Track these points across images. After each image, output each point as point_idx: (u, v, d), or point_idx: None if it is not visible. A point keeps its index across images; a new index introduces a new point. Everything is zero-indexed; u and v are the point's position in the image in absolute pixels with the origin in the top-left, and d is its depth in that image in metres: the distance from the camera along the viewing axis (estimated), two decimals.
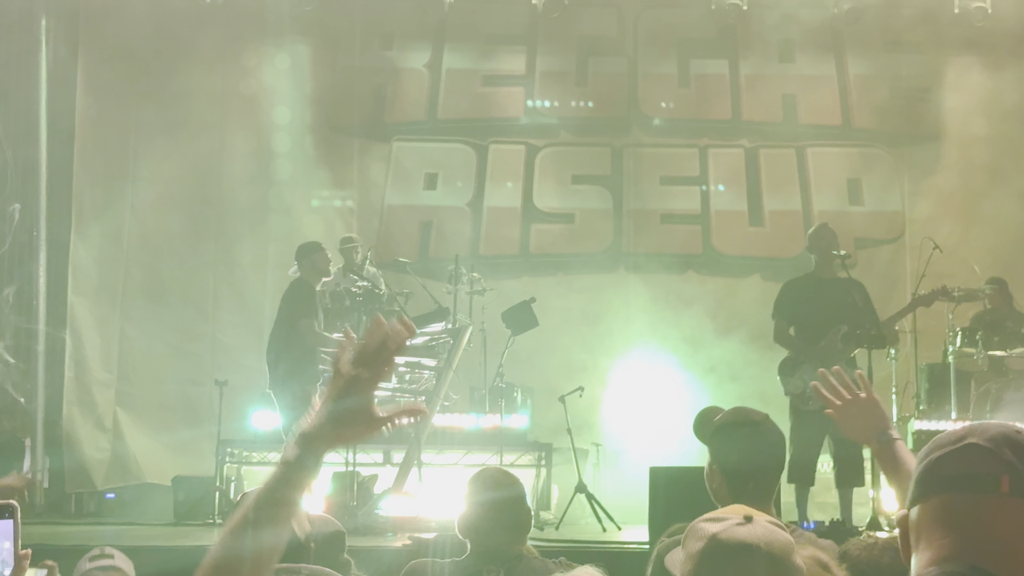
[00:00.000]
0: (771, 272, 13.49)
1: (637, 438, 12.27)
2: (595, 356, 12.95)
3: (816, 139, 14.31)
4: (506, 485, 4.55)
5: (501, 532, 4.42)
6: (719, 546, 2.58)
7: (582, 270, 14.06)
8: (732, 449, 4.11)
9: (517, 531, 4.52)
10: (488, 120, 14.34)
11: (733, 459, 4.09)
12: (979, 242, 13.21)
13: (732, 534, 2.60)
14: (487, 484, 4.56)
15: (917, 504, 1.85)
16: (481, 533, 4.43)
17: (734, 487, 4.06)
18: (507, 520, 4.46)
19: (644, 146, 14.36)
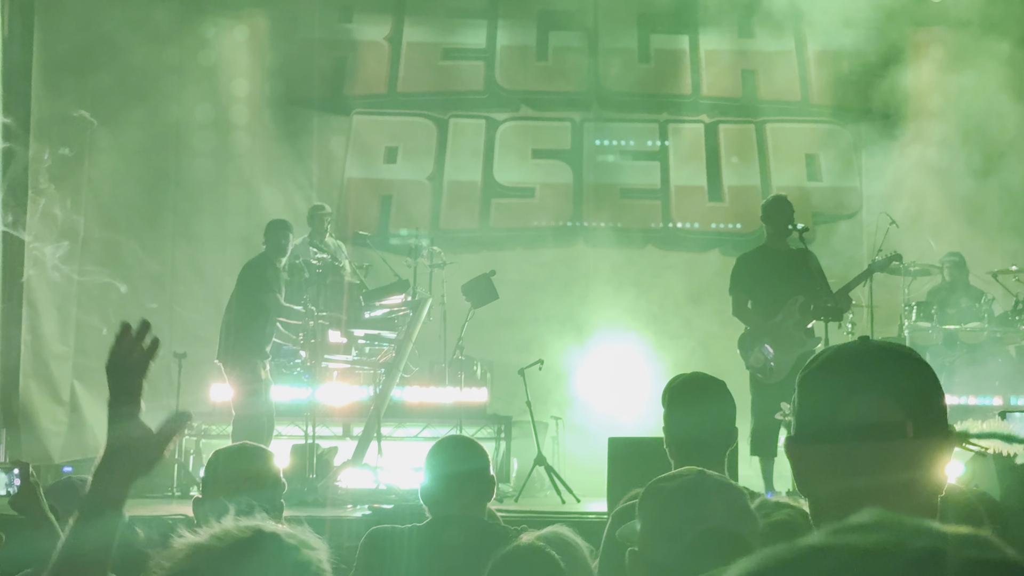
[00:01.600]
0: (730, 246, 13.53)
1: (597, 411, 12.29)
2: (555, 330, 12.93)
3: (775, 115, 14.36)
4: (469, 453, 4.54)
5: (462, 500, 4.40)
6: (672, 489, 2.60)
7: (542, 244, 14.07)
8: (679, 413, 4.17)
9: (478, 499, 4.50)
10: (448, 94, 14.28)
11: (679, 422, 4.15)
12: (935, 217, 13.30)
13: (682, 478, 2.64)
14: (449, 451, 4.54)
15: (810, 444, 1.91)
16: (442, 501, 4.41)
17: (680, 451, 4.11)
18: (469, 488, 4.44)
19: (604, 120, 14.35)
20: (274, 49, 13.83)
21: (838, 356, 1.93)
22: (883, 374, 1.86)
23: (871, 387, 1.84)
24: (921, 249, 12.62)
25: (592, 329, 13.10)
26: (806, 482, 1.93)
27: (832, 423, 1.84)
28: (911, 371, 1.88)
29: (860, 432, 1.82)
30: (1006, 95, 13.87)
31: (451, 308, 11.60)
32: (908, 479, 1.83)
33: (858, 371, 1.86)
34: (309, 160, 13.97)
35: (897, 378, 1.86)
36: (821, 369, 1.92)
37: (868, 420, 1.82)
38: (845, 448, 1.83)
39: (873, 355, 1.89)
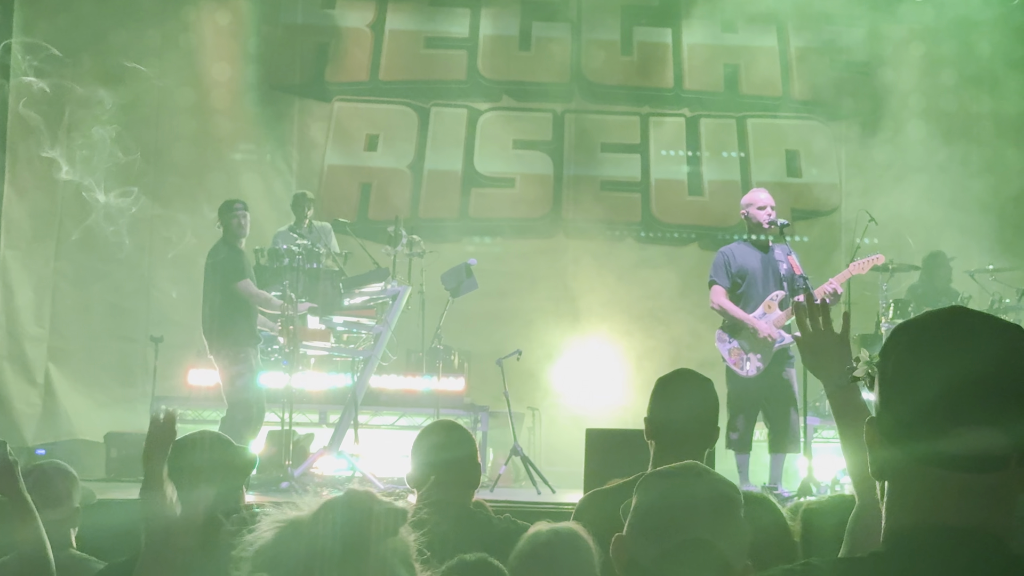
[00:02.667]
0: (710, 241, 13.55)
1: (574, 402, 12.30)
2: (533, 320, 12.93)
3: (756, 110, 14.37)
4: (457, 439, 4.53)
5: (450, 486, 4.40)
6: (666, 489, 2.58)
7: (521, 235, 14.06)
8: (666, 405, 4.18)
9: (465, 486, 4.50)
10: (430, 82, 14.24)
11: (664, 415, 4.16)
12: (914, 216, 13.33)
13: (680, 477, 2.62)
14: (437, 437, 4.53)
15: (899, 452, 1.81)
16: (431, 486, 4.40)
17: (666, 442, 4.12)
18: (457, 474, 4.44)
19: (585, 112, 14.34)
20: (256, 34, 13.76)
21: (942, 354, 1.78)
22: (994, 400, 1.73)
23: (981, 419, 1.73)
24: (900, 247, 12.66)
25: (571, 321, 13.11)
26: (884, 472, 1.84)
27: (929, 447, 1.76)
28: (1021, 386, 1.76)
29: (959, 463, 1.74)
30: (986, 95, 13.95)
31: (430, 297, 11.54)
32: (1001, 500, 1.77)
33: (970, 394, 1.74)
34: (290, 146, 13.92)
35: (1008, 404, 1.74)
36: (921, 365, 1.80)
37: (971, 451, 1.73)
38: (938, 471, 1.76)
39: (981, 363, 1.76)
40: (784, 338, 9.19)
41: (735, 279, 9.39)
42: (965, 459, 1.74)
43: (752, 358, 9.22)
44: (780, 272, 9.32)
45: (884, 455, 1.84)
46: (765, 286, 9.37)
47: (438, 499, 4.31)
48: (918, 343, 1.83)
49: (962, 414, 1.74)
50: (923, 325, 1.86)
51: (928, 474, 1.77)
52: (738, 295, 9.40)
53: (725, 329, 9.43)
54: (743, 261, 9.40)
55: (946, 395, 1.75)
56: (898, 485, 1.83)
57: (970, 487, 1.75)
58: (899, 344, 1.85)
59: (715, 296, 9.43)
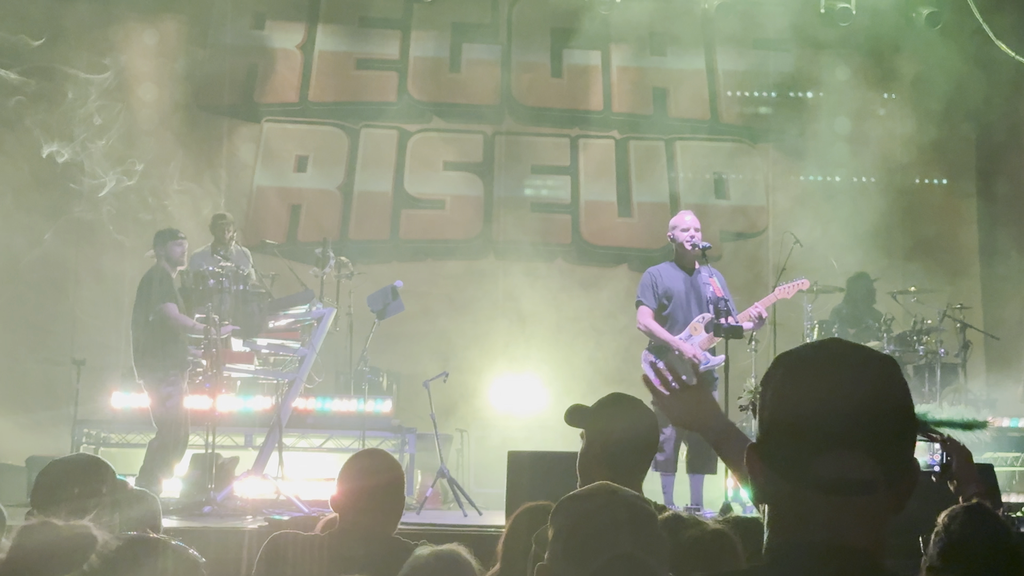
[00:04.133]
0: (639, 262, 13.61)
1: (503, 423, 12.28)
2: (462, 342, 12.94)
3: (685, 133, 14.49)
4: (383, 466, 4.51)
5: (372, 513, 4.38)
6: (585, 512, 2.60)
7: (452, 256, 14.07)
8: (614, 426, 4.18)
9: (388, 514, 4.48)
10: (360, 104, 14.22)
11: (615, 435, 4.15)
12: (839, 238, 13.49)
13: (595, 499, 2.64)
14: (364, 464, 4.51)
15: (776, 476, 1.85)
16: (352, 511, 4.38)
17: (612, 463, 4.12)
18: (379, 502, 4.42)
19: (516, 134, 14.40)
20: (185, 54, 13.67)
21: (816, 383, 1.84)
22: (861, 424, 1.80)
23: (851, 445, 1.80)
24: (824, 269, 12.80)
25: (500, 342, 13.11)
26: (764, 495, 1.90)
27: (804, 472, 1.82)
28: (890, 414, 1.84)
29: (833, 487, 1.80)
30: (910, 119, 14.15)
31: (358, 319, 11.51)
32: (871, 520, 1.83)
33: (841, 422, 1.80)
34: (218, 167, 13.82)
35: (875, 429, 1.81)
36: (796, 393, 1.85)
37: (842, 476, 1.80)
38: (812, 494, 1.82)
39: (852, 392, 1.82)
40: (709, 360, 9.25)
41: (661, 300, 9.45)
42: (837, 483, 1.80)
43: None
44: (705, 294, 9.38)
45: (762, 480, 1.89)
46: (690, 308, 9.44)
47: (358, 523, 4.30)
48: (794, 373, 1.88)
49: (833, 441, 1.80)
50: (799, 355, 1.91)
51: (803, 497, 1.83)
52: (664, 316, 9.46)
53: (651, 350, 9.47)
54: (669, 282, 9.46)
55: (819, 423, 1.81)
56: (776, 508, 1.89)
57: (842, 509, 1.81)
58: (777, 373, 1.90)
59: (642, 317, 9.48)
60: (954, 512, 3.80)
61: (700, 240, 9.41)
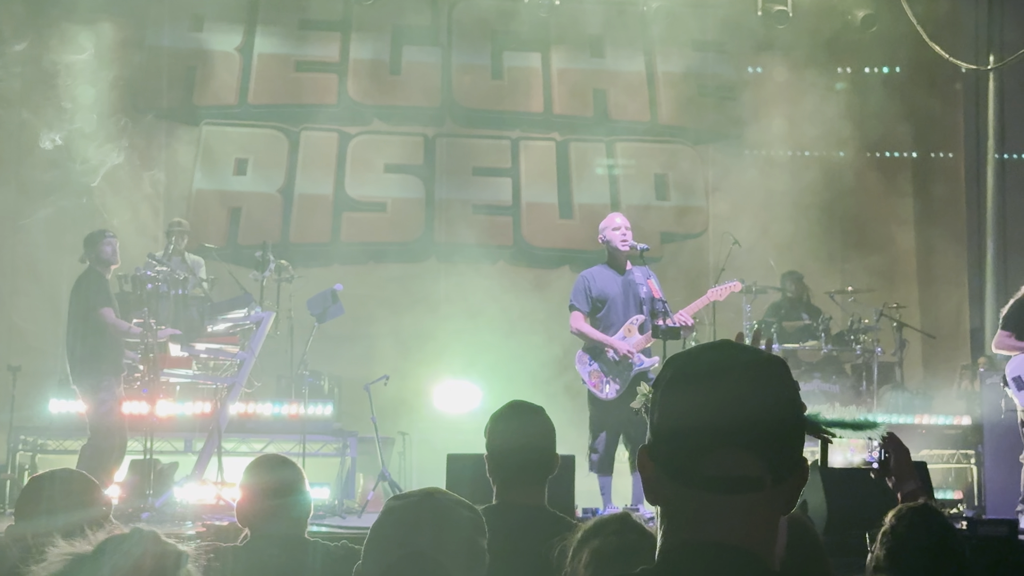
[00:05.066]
0: (580, 264, 13.56)
1: (445, 426, 12.31)
2: (404, 345, 12.96)
3: (625, 134, 14.61)
4: (282, 472, 4.54)
5: (279, 519, 4.41)
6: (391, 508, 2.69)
7: (393, 259, 14.10)
8: (499, 437, 4.28)
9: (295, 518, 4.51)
10: (300, 106, 14.22)
11: (499, 446, 4.26)
12: (777, 238, 13.66)
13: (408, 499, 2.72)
14: (263, 471, 4.54)
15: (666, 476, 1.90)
16: (259, 519, 4.42)
17: (502, 470, 4.22)
18: (282, 507, 4.45)
19: (456, 136, 14.46)
20: (122, 57, 13.57)
21: (702, 385, 1.89)
22: (746, 424, 1.84)
23: (734, 442, 1.84)
24: (763, 269, 12.97)
25: (442, 345, 13.14)
26: (657, 497, 1.93)
27: (691, 471, 1.86)
28: (775, 415, 1.88)
29: (719, 485, 1.84)
30: (847, 121, 14.33)
31: (298, 322, 11.51)
32: (759, 519, 1.87)
33: (728, 421, 1.84)
34: (157, 170, 13.74)
35: (760, 428, 1.85)
36: (684, 394, 1.90)
37: (728, 474, 1.83)
38: (700, 493, 1.86)
39: (737, 392, 1.87)
40: (643, 362, 9.35)
41: (595, 303, 9.53)
42: (724, 481, 1.84)
43: (611, 381, 9.37)
44: (640, 295, 9.48)
45: (654, 481, 1.93)
46: (625, 309, 9.51)
47: (268, 531, 4.34)
48: (684, 373, 1.92)
49: (719, 440, 1.84)
50: (688, 358, 1.95)
51: (692, 496, 1.87)
52: (598, 319, 9.54)
53: (586, 351, 9.57)
54: (603, 285, 9.54)
55: (705, 423, 1.85)
56: (668, 507, 1.93)
57: (730, 507, 1.86)
58: (667, 376, 1.95)
59: (574, 321, 9.57)
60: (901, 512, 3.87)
61: (632, 240, 9.50)
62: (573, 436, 8.91)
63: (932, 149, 14.89)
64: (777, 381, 1.91)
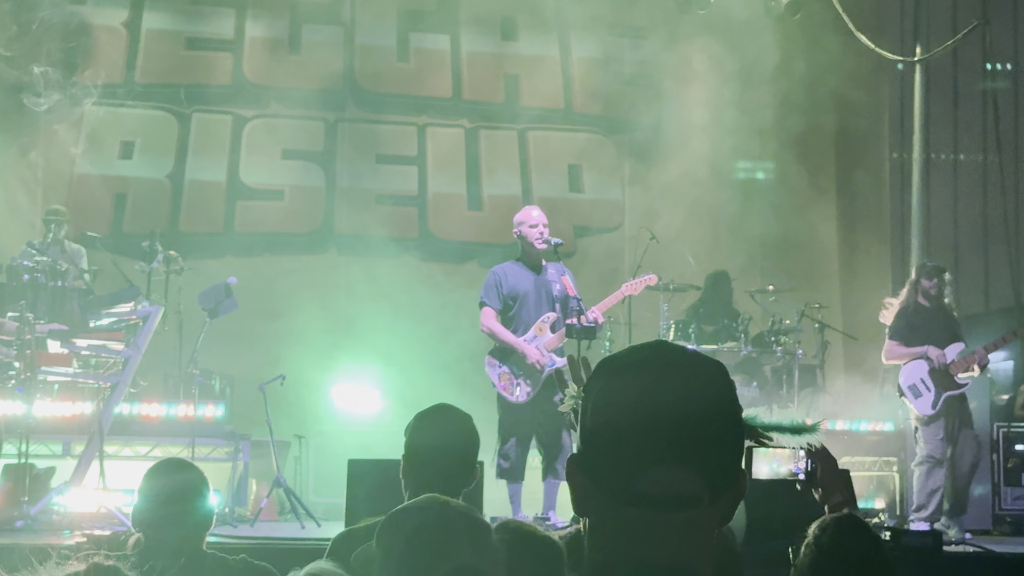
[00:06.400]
0: (489, 258, 13.65)
1: (345, 429, 12.26)
2: (302, 342, 12.85)
3: (538, 122, 14.65)
4: (182, 475, 4.50)
5: (175, 526, 4.37)
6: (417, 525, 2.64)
7: (291, 251, 14.01)
8: (422, 437, 4.28)
9: (195, 527, 4.47)
10: (192, 86, 14.05)
11: (421, 446, 4.26)
12: (697, 233, 13.79)
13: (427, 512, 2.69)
14: (162, 474, 4.50)
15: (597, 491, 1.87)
16: (154, 527, 4.37)
17: (423, 480, 4.21)
18: (183, 514, 4.41)
19: (359, 121, 14.39)
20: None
21: (636, 389, 1.84)
22: (684, 435, 1.80)
23: (673, 459, 1.80)
24: (682, 266, 13.07)
25: (343, 343, 13.08)
26: (584, 509, 1.90)
27: (623, 486, 1.82)
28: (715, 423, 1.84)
29: (653, 503, 1.80)
30: (769, 110, 14.49)
31: (188, 318, 11.40)
32: (694, 536, 1.84)
33: (662, 433, 1.80)
34: (35, 153, 13.51)
35: (699, 441, 1.81)
36: (616, 400, 1.85)
37: (664, 492, 1.80)
38: (632, 510, 1.82)
39: (674, 398, 1.82)
40: (555, 362, 9.37)
41: (506, 301, 9.56)
42: (658, 499, 1.81)
43: (522, 383, 9.40)
44: (553, 293, 9.53)
45: (582, 493, 1.90)
46: (538, 308, 9.55)
47: (162, 539, 4.29)
48: (614, 379, 1.88)
49: (654, 454, 1.80)
50: (620, 361, 1.92)
51: (624, 513, 1.83)
52: (509, 317, 9.57)
53: (495, 353, 9.59)
54: (515, 282, 9.57)
55: (638, 434, 1.81)
56: (597, 522, 1.90)
57: (665, 525, 1.82)
58: (598, 380, 1.91)
59: (485, 318, 9.59)
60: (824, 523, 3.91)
61: (549, 236, 9.54)
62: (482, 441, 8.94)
63: (856, 143, 15.10)
64: (716, 384, 1.87)
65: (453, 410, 4.48)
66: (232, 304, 11.10)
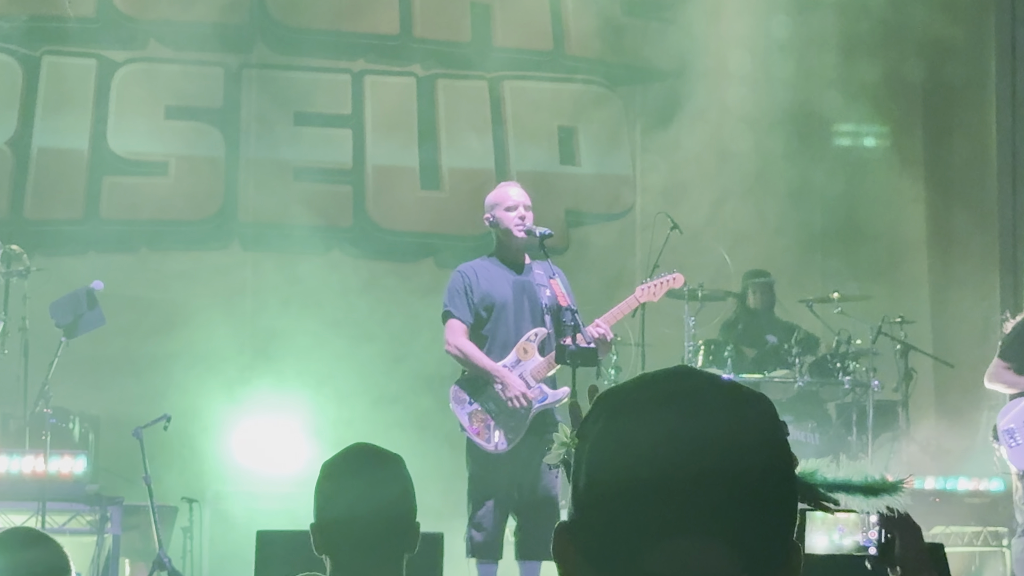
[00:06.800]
0: (450, 255, 13.65)
1: (254, 488, 12.23)
2: (193, 371, 12.80)
3: (517, 69, 14.62)
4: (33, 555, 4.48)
5: None
6: None
7: (178, 245, 13.97)
8: (333, 500, 4.24)
9: None
10: (42, 20, 13.97)
11: (333, 513, 4.22)
12: (734, 220, 13.75)
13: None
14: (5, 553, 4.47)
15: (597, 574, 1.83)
16: None
17: (343, 554, 4.18)
18: None
19: (272, 68, 14.37)
20: None
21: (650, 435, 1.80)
22: (711, 501, 1.76)
23: (693, 528, 1.76)
24: (714, 265, 13.04)
25: (248, 371, 13.04)
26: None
27: (630, 566, 1.79)
28: (757, 479, 1.80)
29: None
30: (833, 54, 14.47)
31: (37, 337, 11.35)
32: None
33: (685, 493, 1.76)
34: None
35: (733, 507, 1.77)
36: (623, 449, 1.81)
37: (684, 572, 1.76)
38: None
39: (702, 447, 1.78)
40: (546, 396, 9.31)
41: (479, 311, 9.48)
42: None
43: (501, 426, 9.32)
44: (541, 301, 9.46)
45: (574, 572, 1.87)
46: (520, 321, 9.48)
47: None
48: (620, 421, 1.84)
49: (671, 521, 1.77)
50: (628, 395, 1.87)
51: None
52: (482, 335, 9.49)
53: (464, 385, 9.50)
54: (489, 286, 9.49)
55: (651, 494, 1.78)
56: None
57: None
58: (598, 422, 1.86)
59: (451, 334, 9.50)
60: None
61: (534, 224, 9.48)
62: (443, 503, 8.90)
63: (951, 97, 15.07)
64: (760, 427, 1.84)
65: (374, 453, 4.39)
66: (97, 318, 11.05)
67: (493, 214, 9.61)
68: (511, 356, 9.43)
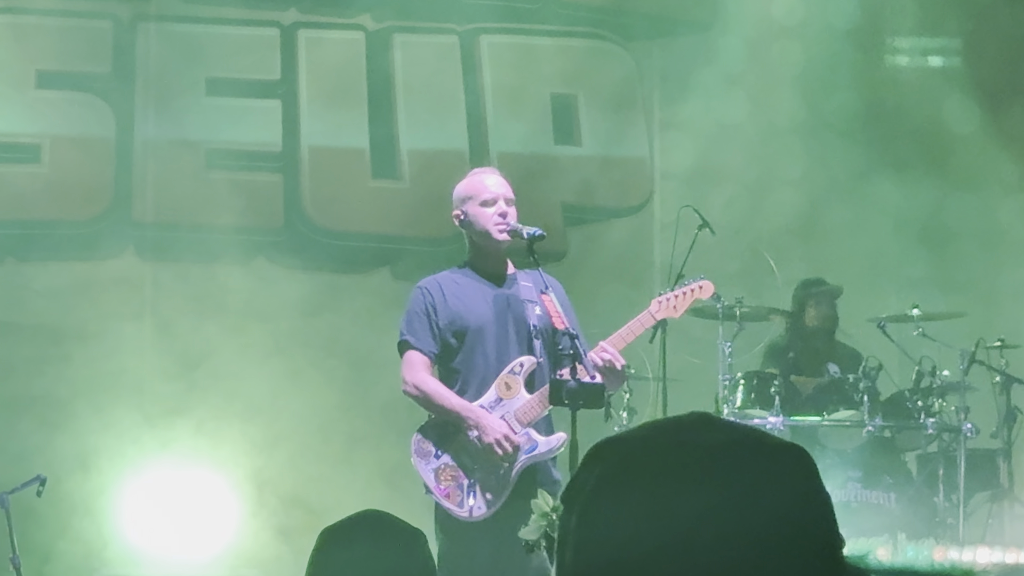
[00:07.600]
0: (411, 263, 13.71)
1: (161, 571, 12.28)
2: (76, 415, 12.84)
3: (496, 20, 14.67)
4: None
5: None
6: None
7: (56, 253, 13.98)
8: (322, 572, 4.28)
9: None
10: None
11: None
12: (777, 216, 13.78)
13: None
14: None
15: None
16: None
17: None
18: None
19: (176, 20, 14.41)
20: None
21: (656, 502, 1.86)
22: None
23: None
24: (755, 275, 13.07)
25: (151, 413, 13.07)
26: None
27: None
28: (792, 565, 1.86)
29: None
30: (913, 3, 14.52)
31: None
32: None
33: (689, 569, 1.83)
34: None
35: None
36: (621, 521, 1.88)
37: None
38: None
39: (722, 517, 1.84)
40: (535, 445, 9.29)
41: (447, 338, 9.48)
42: None
43: (477, 487, 9.32)
44: (529, 322, 9.46)
45: None
46: (503, 349, 9.48)
47: None
48: (619, 483, 1.90)
49: None
50: (631, 449, 1.94)
51: None
52: (453, 367, 9.49)
53: (428, 432, 9.50)
54: (460, 305, 9.48)
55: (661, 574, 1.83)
56: None
57: None
58: (589, 482, 1.92)
59: (409, 371, 9.48)
60: None
61: (519, 222, 9.49)
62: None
63: None
64: (793, 495, 1.89)
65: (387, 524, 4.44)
66: None
67: (465, 210, 9.59)
68: (490, 393, 9.38)
